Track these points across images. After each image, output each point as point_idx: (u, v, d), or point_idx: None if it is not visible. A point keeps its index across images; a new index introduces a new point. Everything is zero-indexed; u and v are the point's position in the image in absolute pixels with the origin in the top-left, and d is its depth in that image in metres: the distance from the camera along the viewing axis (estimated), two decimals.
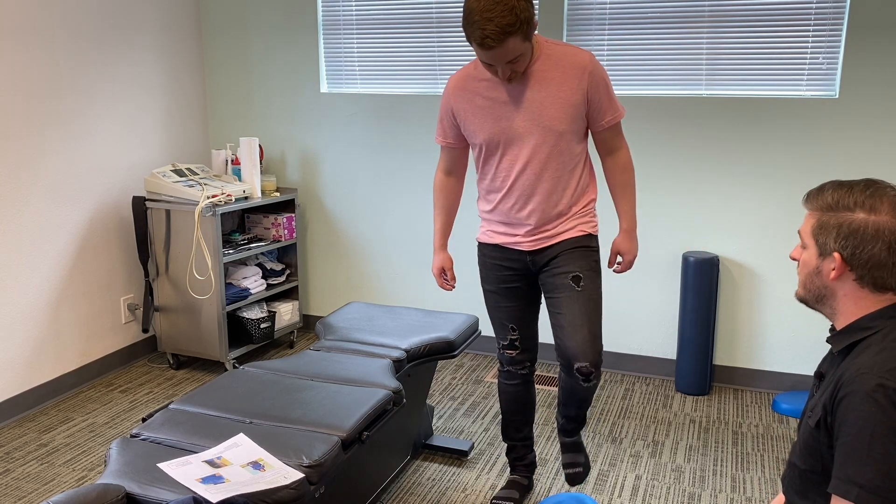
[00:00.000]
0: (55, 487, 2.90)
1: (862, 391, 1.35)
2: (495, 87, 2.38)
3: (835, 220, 1.44)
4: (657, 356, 3.87)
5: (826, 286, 1.49)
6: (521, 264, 2.53)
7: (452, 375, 3.93)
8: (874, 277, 1.43)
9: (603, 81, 2.36)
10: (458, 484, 2.92)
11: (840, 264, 1.44)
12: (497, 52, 2.18)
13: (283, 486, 1.85)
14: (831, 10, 3.32)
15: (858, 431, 1.34)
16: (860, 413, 1.34)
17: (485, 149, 2.44)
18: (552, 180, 2.41)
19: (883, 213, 1.40)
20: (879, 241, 1.40)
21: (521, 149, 2.39)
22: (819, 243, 1.47)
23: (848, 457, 1.36)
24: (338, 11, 4.11)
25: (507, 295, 2.58)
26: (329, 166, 4.30)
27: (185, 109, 4.31)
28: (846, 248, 1.43)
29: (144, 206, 3.82)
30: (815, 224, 1.48)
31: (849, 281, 1.45)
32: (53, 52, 3.49)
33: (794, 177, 3.50)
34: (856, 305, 1.47)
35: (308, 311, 4.54)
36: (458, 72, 2.49)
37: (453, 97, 2.46)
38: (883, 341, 1.41)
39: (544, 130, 2.35)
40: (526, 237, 2.48)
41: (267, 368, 2.61)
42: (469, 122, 2.44)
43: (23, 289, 3.44)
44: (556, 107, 2.34)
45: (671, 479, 2.95)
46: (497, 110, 2.38)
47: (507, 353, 2.65)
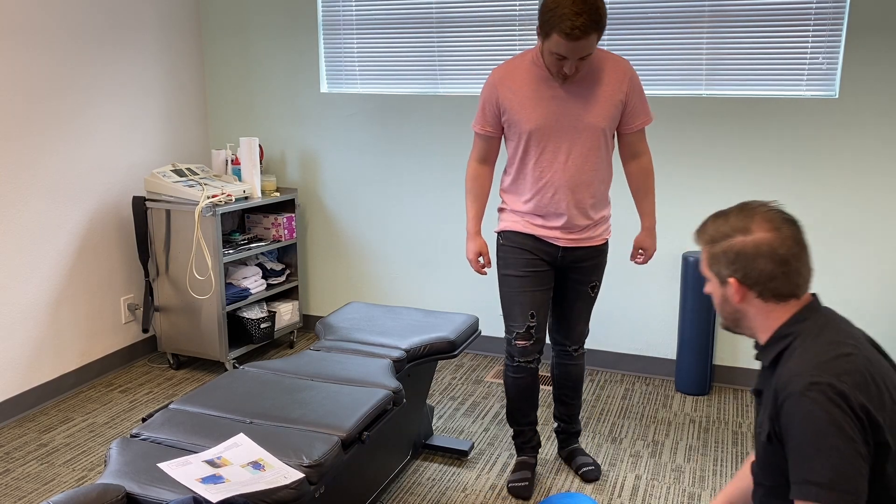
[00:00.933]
0: (55, 487, 2.90)
1: (797, 392, 1.39)
2: (542, 82, 2.52)
3: (719, 249, 1.55)
4: (657, 356, 3.87)
5: (737, 310, 1.58)
6: (551, 257, 2.68)
7: (452, 375, 3.93)
8: (772, 290, 1.51)
9: (640, 87, 2.59)
10: (458, 484, 2.92)
11: (738, 287, 1.54)
12: (580, 45, 2.32)
13: (283, 486, 1.85)
14: (831, 10, 3.32)
15: (802, 432, 1.38)
16: (800, 414, 1.38)
17: (527, 139, 2.56)
18: (589, 173, 2.58)
19: (756, 231, 1.52)
20: (761, 256, 1.50)
21: (564, 142, 2.54)
22: (717, 274, 1.58)
23: (799, 459, 1.39)
24: (338, 11, 4.11)
25: (533, 279, 2.68)
26: (329, 166, 4.30)
27: (185, 109, 4.32)
28: (738, 272, 1.52)
29: (144, 206, 3.82)
30: (707, 258, 1.59)
31: (753, 299, 1.54)
32: (54, 52, 3.49)
33: (794, 176, 3.50)
34: (768, 319, 1.54)
35: (308, 311, 4.54)
36: (503, 63, 2.61)
37: (500, 87, 2.57)
38: (804, 343, 1.47)
39: (588, 126, 2.53)
40: (562, 233, 2.64)
41: (267, 368, 2.61)
42: (516, 112, 2.55)
43: (23, 289, 3.44)
44: (601, 104, 2.52)
45: (671, 479, 2.95)
46: (544, 103, 2.52)
47: (520, 343, 2.72)
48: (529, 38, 3.77)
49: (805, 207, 3.51)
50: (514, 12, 3.77)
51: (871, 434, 1.37)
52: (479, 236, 2.77)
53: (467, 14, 3.86)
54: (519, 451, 2.96)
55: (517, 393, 2.82)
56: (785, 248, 1.50)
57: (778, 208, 1.56)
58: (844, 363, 1.40)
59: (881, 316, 3.48)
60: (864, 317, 3.51)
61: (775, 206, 1.56)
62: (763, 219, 1.53)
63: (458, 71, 3.94)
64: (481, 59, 3.89)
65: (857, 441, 1.35)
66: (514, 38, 3.80)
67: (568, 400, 2.95)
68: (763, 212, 1.54)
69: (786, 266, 1.49)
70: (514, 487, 2.84)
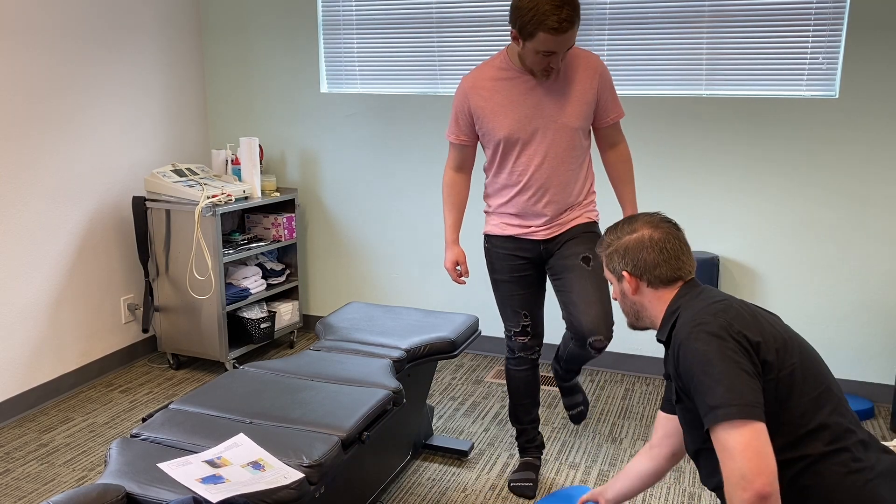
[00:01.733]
0: (55, 487, 2.90)
1: (683, 338, 1.60)
2: (513, 86, 2.52)
3: (612, 249, 1.83)
4: (657, 356, 3.87)
5: (634, 302, 1.82)
6: (534, 253, 2.68)
7: (452, 375, 3.93)
8: (658, 276, 1.76)
9: (610, 83, 2.59)
10: (458, 484, 2.92)
11: (630, 278, 1.79)
12: (566, 38, 2.34)
13: (283, 486, 1.85)
14: (831, 10, 3.32)
15: (697, 368, 1.55)
16: (690, 354, 1.57)
17: (503, 144, 2.56)
18: (567, 173, 2.59)
19: (640, 230, 1.79)
20: (645, 247, 1.77)
21: (540, 144, 2.54)
22: (613, 272, 1.84)
23: (701, 394, 1.54)
24: (338, 11, 4.11)
25: (520, 283, 2.71)
26: (329, 166, 4.30)
27: (185, 109, 4.32)
28: (628, 264, 1.79)
29: (144, 206, 3.82)
30: (605, 261, 1.85)
31: (644, 289, 1.79)
32: (54, 52, 3.50)
33: (794, 176, 3.50)
34: (660, 303, 1.78)
35: (308, 311, 4.54)
36: (472, 71, 2.60)
37: (471, 95, 2.56)
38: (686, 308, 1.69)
39: (562, 127, 2.53)
40: (541, 227, 2.64)
41: (267, 368, 2.61)
42: (488, 120, 2.54)
43: (23, 289, 3.44)
44: (573, 104, 2.52)
45: (671, 479, 2.95)
46: (516, 108, 2.52)
47: (520, 339, 2.77)
48: None
49: (805, 207, 3.51)
50: None
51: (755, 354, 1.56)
52: (457, 245, 2.77)
53: (467, 14, 3.86)
54: (522, 452, 2.96)
55: (520, 386, 2.84)
56: (663, 239, 1.76)
57: (659, 213, 1.84)
58: (719, 307, 1.63)
59: (881, 315, 3.48)
60: (863, 316, 3.51)
61: (657, 213, 1.84)
62: (644, 221, 1.81)
63: (458, 71, 3.94)
64: (481, 60, 3.88)
65: (743, 361, 1.53)
66: None
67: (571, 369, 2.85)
68: (644, 216, 1.82)
69: (665, 254, 1.75)
70: (518, 487, 2.84)
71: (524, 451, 2.95)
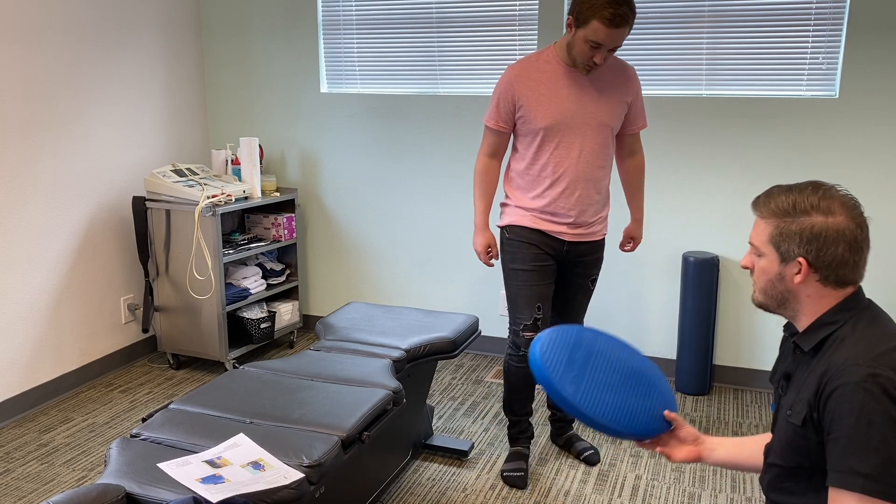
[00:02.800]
0: (55, 487, 2.90)
1: (853, 382, 1.37)
2: (557, 79, 2.62)
3: (795, 225, 1.47)
4: (657, 356, 3.87)
5: (790, 290, 1.52)
6: (557, 251, 2.78)
7: (452, 375, 3.93)
8: (837, 276, 1.47)
9: (641, 93, 2.76)
10: (458, 484, 2.92)
11: (806, 268, 1.48)
12: (618, 33, 2.45)
13: (283, 486, 1.85)
14: (831, 10, 3.32)
15: (855, 422, 1.36)
16: (854, 404, 1.36)
17: (542, 134, 2.64)
18: (598, 169, 2.70)
19: (838, 215, 1.45)
20: (841, 241, 1.45)
21: (577, 138, 2.64)
22: (780, 250, 1.50)
23: (847, 448, 1.37)
24: (338, 11, 4.11)
25: (540, 273, 2.78)
26: (329, 166, 4.30)
27: (185, 109, 4.32)
28: (810, 252, 1.46)
29: (144, 206, 3.82)
30: (774, 231, 1.51)
31: (812, 282, 1.49)
32: (54, 52, 3.49)
33: (794, 177, 3.50)
34: (819, 304, 1.51)
35: (308, 311, 4.54)
36: (519, 61, 2.70)
37: (517, 83, 2.65)
38: (855, 332, 1.45)
39: (599, 124, 2.65)
40: (569, 227, 2.74)
41: (267, 368, 2.61)
42: (532, 108, 2.63)
43: (23, 289, 3.44)
44: (612, 104, 2.66)
45: (671, 479, 2.95)
46: (560, 100, 2.62)
47: (528, 335, 2.82)
48: (529, 38, 3.77)
49: None
50: (514, 12, 3.77)
51: None
52: (488, 229, 2.86)
53: (467, 14, 3.86)
54: (513, 442, 3.02)
55: (518, 382, 2.90)
56: (862, 236, 1.47)
57: (851, 194, 1.50)
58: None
59: None
60: None
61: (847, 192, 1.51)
62: (842, 203, 1.47)
63: (458, 71, 3.94)
64: (481, 59, 3.89)
65: None
66: (514, 38, 3.80)
67: None
68: (840, 196, 1.48)
69: (858, 254, 1.47)
70: (510, 477, 2.90)
71: (515, 440, 3.02)
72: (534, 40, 3.76)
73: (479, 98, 3.91)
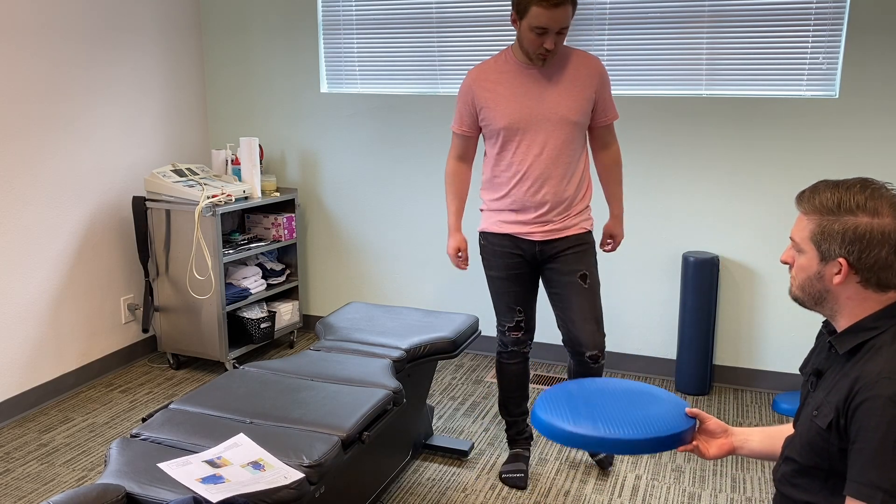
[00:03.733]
0: (55, 487, 2.90)
1: (885, 396, 1.34)
2: (515, 79, 2.61)
3: (839, 224, 1.42)
4: (657, 356, 3.87)
5: (828, 290, 1.47)
6: (528, 253, 2.74)
7: (452, 375, 3.93)
8: (879, 279, 1.42)
9: (608, 84, 2.71)
10: (458, 484, 2.92)
11: (846, 269, 1.43)
12: (560, 13, 2.42)
13: (283, 486, 1.85)
14: (831, 10, 3.32)
15: (882, 437, 1.33)
16: (883, 418, 1.34)
17: (503, 134, 2.63)
18: (563, 166, 2.65)
19: (885, 216, 1.39)
20: (885, 244, 1.39)
21: (539, 135, 2.61)
22: (821, 249, 1.45)
23: (870, 462, 1.35)
24: (338, 11, 4.11)
25: (515, 280, 2.78)
26: (329, 166, 4.30)
27: (185, 109, 4.32)
28: (852, 254, 1.41)
29: (144, 206, 3.82)
30: (816, 229, 1.45)
31: (853, 283, 1.44)
32: (54, 52, 3.49)
33: (794, 177, 3.50)
34: (859, 306, 1.46)
35: (308, 311, 4.54)
36: (478, 65, 2.71)
37: (475, 86, 2.66)
38: (894, 343, 1.41)
39: (561, 120, 2.61)
40: (537, 226, 2.69)
41: (267, 368, 2.61)
42: (490, 109, 2.63)
43: (23, 289, 3.44)
44: (573, 99, 2.61)
45: (671, 479, 2.95)
46: (518, 99, 2.61)
47: (513, 334, 2.84)
48: None
49: None
50: None
51: None
52: (459, 232, 2.85)
53: (467, 14, 3.86)
54: (512, 444, 3.03)
55: (511, 379, 2.92)
56: None
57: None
58: None
59: None
60: None
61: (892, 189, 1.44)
62: (891, 203, 1.40)
63: (458, 71, 3.94)
64: (481, 59, 3.88)
65: None
66: (513, 38, 3.80)
67: None
68: (890, 196, 1.42)
69: None
70: (510, 478, 2.91)
71: (514, 442, 3.03)
72: None
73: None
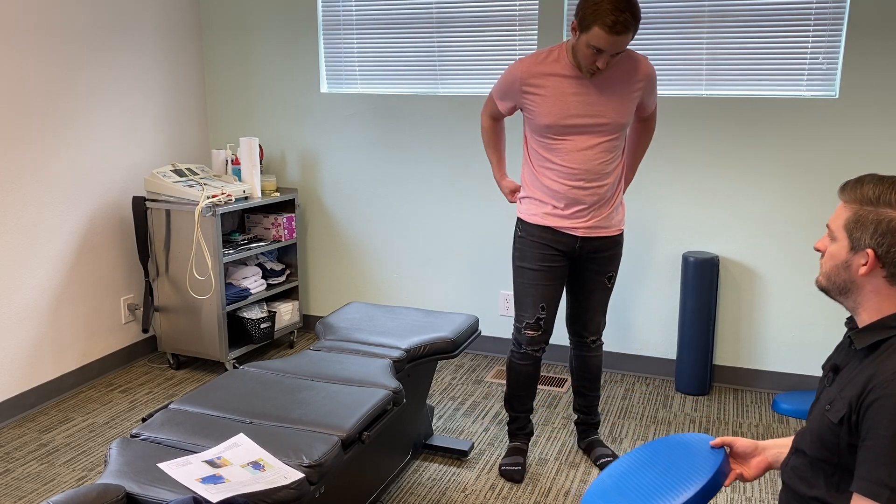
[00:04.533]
0: (55, 487, 2.90)
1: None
2: (565, 79, 2.62)
3: (874, 215, 1.43)
4: (657, 356, 3.87)
5: (853, 281, 1.48)
6: (569, 248, 2.76)
7: (452, 375, 3.93)
8: None
9: (655, 84, 2.74)
10: (458, 484, 2.92)
11: (873, 260, 1.43)
12: (619, 40, 2.44)
13: (283, 486, 1.85)
14: (831, 10, 3.32)
15: (893, 435, 1.34)
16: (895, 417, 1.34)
17: (549, 131, 2.65)
18: (608, 164, 2.68)
19: None
20: None
21: (585, 136, 2.64)
22: (852, 237, 1.46)
23: (879, 460, 1.36)
24: (338, 12, 4.11)
25: (548, 274, 2.78)
26: (329, 166, 4.30)
27: (185, 109, 4.32)
28: (881, 246, 1.42)
29: (144, 206, 3.82)
30: (851, 217, 1.46)
31: (878, 277, 1.45)
32: (54, 53, 3.49)
33: (794, 177, 3.50)
34: (883, 302, 1.46)
35: (308, 311, 4.54)
36: (527, 57, 2.69)
37: (529, 77, 2.65)
38: None
39: (606, 122, 2.64)
40: (581, 222, 2.72)
41: (267, 368, 2.61)
42: (536, 105, 2.64)
43: (23, 289, 3.44)
44: (619, 101, 2.63)
45: None
46: (566, 100, 2.61)
47: (529, 333, 2.83)
48: (530, 38, 3.77)
49: (804, 207, 3.51)
50: (514, 12, 3.77)
51: None
52: (506, 177, 2.93)
53: (467, 14, 3.86)
54: (512, 437, 3.06)
55: (520, 379, 2.93)
56: None
57: None
58: None
59: None
60: None
61: None
62: None
63: (458, 71, 3.94)
64: (481, 59, 3.89)
65: None
66: (514, 38, 3.80)
67: (587, 391, 3.04)
68: None
69: None
70: (508, 471, 2.93)
71: (514, 436, 3.05)
72: (534, 40, 3.76)
73: (479, 98, 3.91)
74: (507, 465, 2.95)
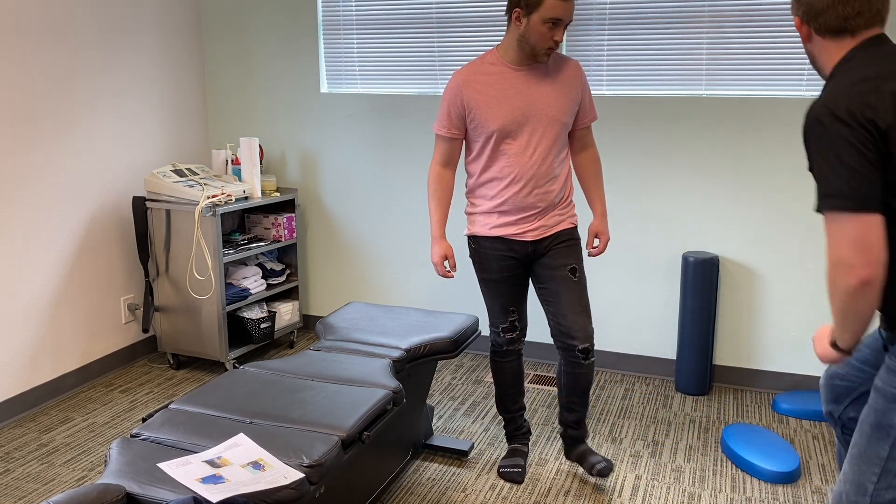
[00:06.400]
0: (55, 487, 2.90)
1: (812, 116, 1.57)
2: (504, 80, 2.62)
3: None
4: (657, 356, 3.87)
5: (810, 53, 1.74)
6: (522, 253, 2.75)
7: (452, 375, 3.93)
8: (821, 24, 1.66)
9: (588, 86, 2.76)
10: (458, 484, 2.92)
11: (799, 23, 1.71)
12: (572, 5, 2.49)
13: (283, 486, 1.85)
14: None
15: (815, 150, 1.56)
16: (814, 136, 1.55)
17: (496, 136, 2.63)
18: (553, 166, 2.68)
19: None
20: None
21: (530, 136, 2.63)
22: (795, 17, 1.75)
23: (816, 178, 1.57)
24: (338, 12, 4.11)
25: (509, 282, 2.79)
26: (329, 166, 4.30)
27: (185, 109, 4.32)
28: (800, 10, 1.70)
29: (144, 206, 3.82)
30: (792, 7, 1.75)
31: (814, 37, 1.69)
32: (54, 53, 3.50)
33: (794, 177, 3.50)
34: (828, 57, 1.68)
35: (308, 311, 4.54)
36: (464, 67, 2.70)
37: (465, 88, 2.64)
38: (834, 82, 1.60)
39: (551, 120, 2.63)
40: (530, 226, 2.70)
41: (267, 368, 2.61)
42: (482, 111, 2.62)
43: (23, 289, 3.44)
44: (562, 100, 2.64)
45: (671, 479, 2.95)
46: (509, 100, 2.61)
47: (508, 335, 2.88)
48: None
49: (805, 206, 3.51)
50: None
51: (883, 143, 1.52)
52: (444, 239, 2.79)
53: (467, 14, 3.86)
54: (510, 440, 3.06)
55: (507, 376, 2.96)
56: None
57: None
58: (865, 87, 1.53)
59: None
60: None
61: None
62: None
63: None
64: None
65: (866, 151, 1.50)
66: None
67: (576, 407, 2.87)
68: None
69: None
70: (508, 472, 2.93)
71: (512, 438, 3.05)
72: None
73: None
74: (507, 467, 2.95)
